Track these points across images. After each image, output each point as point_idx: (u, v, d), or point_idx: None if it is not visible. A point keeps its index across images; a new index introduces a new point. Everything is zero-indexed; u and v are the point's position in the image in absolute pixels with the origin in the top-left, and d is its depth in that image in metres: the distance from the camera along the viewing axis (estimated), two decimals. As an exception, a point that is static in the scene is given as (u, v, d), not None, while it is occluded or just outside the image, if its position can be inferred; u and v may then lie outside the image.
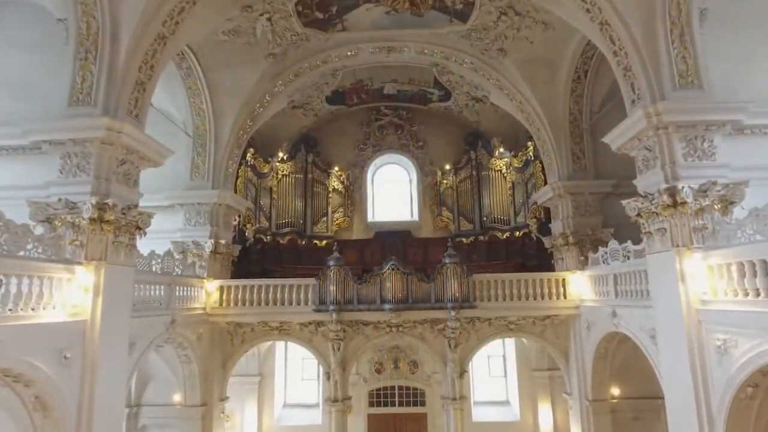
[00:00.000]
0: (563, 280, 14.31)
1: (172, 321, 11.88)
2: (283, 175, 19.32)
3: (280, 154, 19.29)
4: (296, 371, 19.92)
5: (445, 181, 20.40)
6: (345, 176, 20.61)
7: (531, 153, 17.66)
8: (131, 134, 9.61)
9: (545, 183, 16.60)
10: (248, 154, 17.86)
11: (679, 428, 8.77)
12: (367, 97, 20.14)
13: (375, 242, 19.81)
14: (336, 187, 20.41)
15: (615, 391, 13.56)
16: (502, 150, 19.22)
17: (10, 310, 7.00)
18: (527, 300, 14.21)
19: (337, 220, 20.23)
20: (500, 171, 19.24)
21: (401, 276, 14.36)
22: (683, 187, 8.77)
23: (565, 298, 14.20)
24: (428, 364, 18.77)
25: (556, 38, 13.91)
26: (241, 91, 15.25)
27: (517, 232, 18.28)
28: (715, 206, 8.71)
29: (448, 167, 20.43)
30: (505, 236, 18.64)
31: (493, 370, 19.91)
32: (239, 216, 17.26)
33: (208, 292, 14.24)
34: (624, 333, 11.51)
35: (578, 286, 14.07)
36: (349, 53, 16.16)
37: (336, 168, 20.50)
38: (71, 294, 8.45)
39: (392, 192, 21.46)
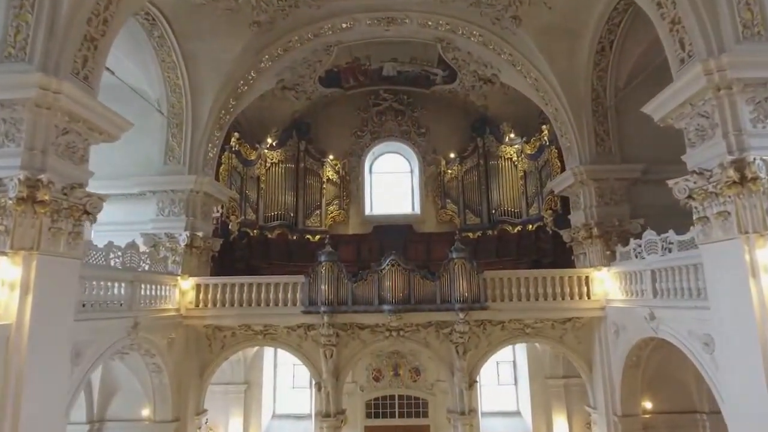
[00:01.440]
0: (586, 277, 12.60)
1: (134, 324, 10.13)
2: (272, 164, 17.60)
3: (269, 141, 17.58)
4: (286, 379, 18.17)
5: (449, 171, 18.71)
6: (340, 166, 18.92)
7: (546, 138, 15.99)
8: (74, 97, 7.87)
9: (562, 170, 14.93)
10: (233, 139, 16.18)
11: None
12: (364, 79, 18.45)
13: (373, 237, 18.10)
14: (330, 177, 18.71)
15: (647, 404, 11.85)
16: (512, 136, 17.53)
17: None
18: (545, 300, 12.50)
19: (332, 213, 18.53)
20: (510, 159, 17.54)
21: (402, 273, 12.64)
22: (754, 160, 7.06)
23: (588, 298, 12.49)
24: (432, 371, 17.07)
25: (578, 1, 12.23)
26: (221, 64, 13.53)
27: (530, 226, 16.57)
28: (797, 181, 7.02)
29: (452, 156, 18.74)
30: (516, 230, 16.94)
31: (503, 377, 18.17)
32: (222, 207, 15.54)
33: (183, 291, 12.51)
34: (664, 339, 9.81)
35: (604, 284, 12.36)
36: (344, 25, 14.44)
37: (331, 157, 18.80)
38: (-11, 291, 6.73)
39: (392, 183, 19.80)
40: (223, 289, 12.65)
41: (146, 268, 11.20)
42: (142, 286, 10.80)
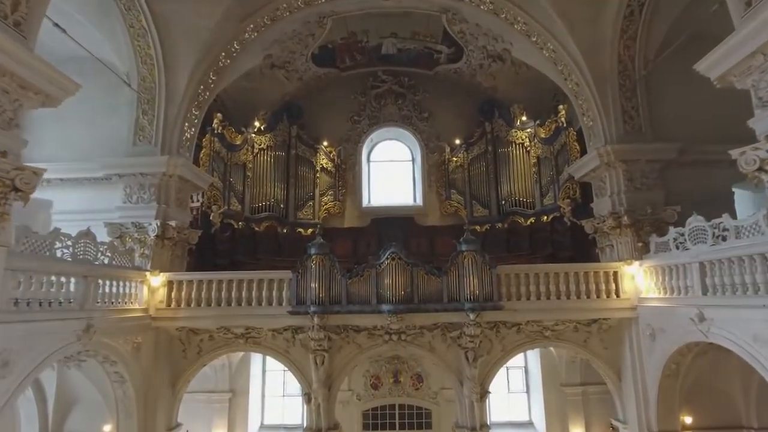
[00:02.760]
0: (615, 272, 11.01)
1: (87, 327, 8.52)
2: (260, 149, 15.98)
3: (257, 124, 15.96)
4: (276, 386, 16.55)
5: (454, 159, 17.12)
6: (335, 153, 17.32)
7: (563, 119, 14.41)
8: (-3, 44, 6.29)
9: (581, 155, 13.38)
10: (215, 121, 14.58)
11: None
12: (361, 58, 16.84)
13: (371, 231, 16.50)
14: (325, 165, 17.10)
15: (687, 419, 10.26)
16: (524, 119, 15.93)
17: None
18: (568, 299, 10.91)
19: (326, 204, 16.92)
20: (522, 144, 15.94)
21: (404, 267, 11.04)
22: None
23: (617, 296, 10.91)
24: (436, 378, 15.51)
25: (605, -44, 10.71)
26: (199, 32, 11.95)
27: (545, 217, 14.96)
28: None
29: (458, 142, 17.14)
30: (529, 222, 15.34)
31: (513, 385, 16.58)
32: (202, 195, 13.95)
33: (152, 289, 10.91)
34: (716, 344, 8.23)
35: (636, 280, 10.78)
36: (338, -9, 12.90)
37: (325, 143, 17.19)
38: None
39: (392, 172, 18.19)
40: (198, 287, 11.05)
41: (105, 261, 9.60)
42: (100, 282, 9.19)
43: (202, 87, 12.56)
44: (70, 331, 8.28)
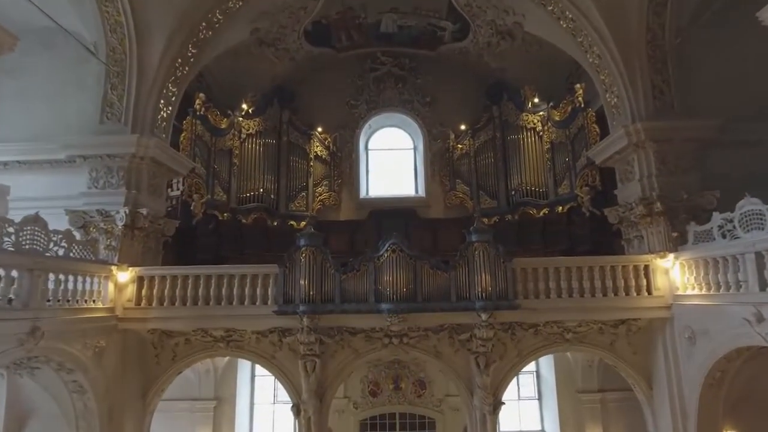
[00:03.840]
0: (646, 266, 9.70)
1: (32, 330, 7.20)
2: (248, 135, 14.64)
3: (245, 107, 14.61)
4: (266, 393, 15.20)
5: (459, 147, 15.79)
6: (331, 140, 15.99)
7: (580, 99, 13.09)
8: None
9: (601, 138, 12.09)
10: (197, 101, 13.25)
11: None
12: (359, 37, 15.53)
13: (369, 224, 15.16)
14: (319, 153, 15.77)
15: (731, 434, 8.95)
16: (536, 101, 14.61)
17: None
18: (593, 296, 9.60)
19: (321, 195, 15.59)
20: (534, 129, 14.61)
21: (406, 261, 9.72)
22: None
23: (649, 293, 9.60)
24: (440, 384, 14.24)
25: None
26: (176, -1, 10.65)
27: (560, 208, 13.62)
28: None
29: (463, 128, 15.80)
30: (541, 214, 13.99)
31: (524, 391, 15.26)
32: (183, 183, 12.59)
33: (119, 285, 9.58)
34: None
35: (670, 275, 9.47)
36: (331, -45, 11.59)
37: (319, 129, 15.85)
38: None
39: (392, 161, 16.88)
40: (172, 283, 9.72)
41: (60, 252, 8.27)
42: (51, 276, 7.86)
43: (180, 61, 11.25)
44: (11, 335, 6.97)
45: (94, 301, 8.96)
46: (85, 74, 10.99)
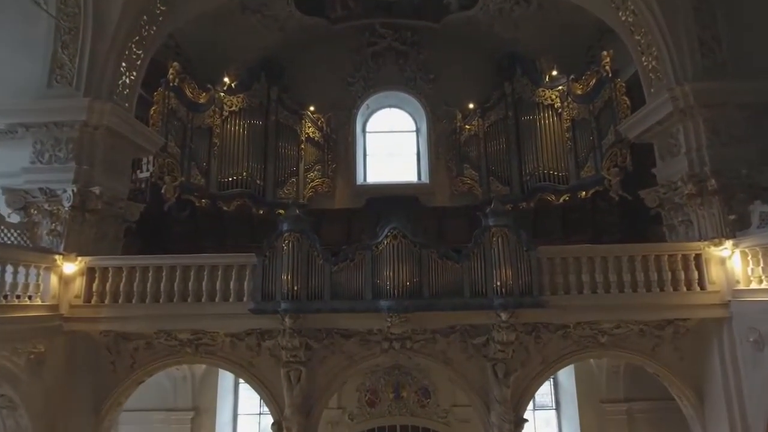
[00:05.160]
0: (697, 256, 8.10)
1: (-67, 332, 5.60)
2: (231, 112, 13.06)
3: (227, 81, 13.04)
4: (251, 402, 13.57)
5: (467, 128, 14.21)
6: (324, 121, 14.41)
7: (607, 68, 11.51)
8: None
9: (632, 111, 10.51)
10: (171, 70, 11.65)
11: None
12: (355, 6, 14.01)
13: (367, 213, 13.55)
14: (311, 135, 14.20)
15: (805, 459, 7.33)
16: (555, 74, 13.02)
17: None
18: (634, 292, 8.01)
19: (313, 181, 14.02)
20: (552, 105, 13.02)
21: (410, 249, 8.11)
22: None
23: (701, 287, 8.01)
24: (446, 393, 12.66)
25: None
26: (138, -59, 9.05)
27: (583, 193, 12.04)
28: None
29: (471, 107, 14.22)
30: (562, 200, 12.40)
31: (540, 399, 13.65)
32: (154, 163, 11.01)
33: (65, 278, 7.97)
34: None
35: (728, 266, 7.87)
36: None
37: (311, 109, 14.28)
38: None
39: (392, 144, 15.30)
40: (130, 276, 8.12)
41: (-17, 236, 6.68)
42: (-34, 265, 6.28)
43: (145, 17, 9.66)
44: None
45: (30, 297, 7.36)
46: (34, 34, 9.33)
